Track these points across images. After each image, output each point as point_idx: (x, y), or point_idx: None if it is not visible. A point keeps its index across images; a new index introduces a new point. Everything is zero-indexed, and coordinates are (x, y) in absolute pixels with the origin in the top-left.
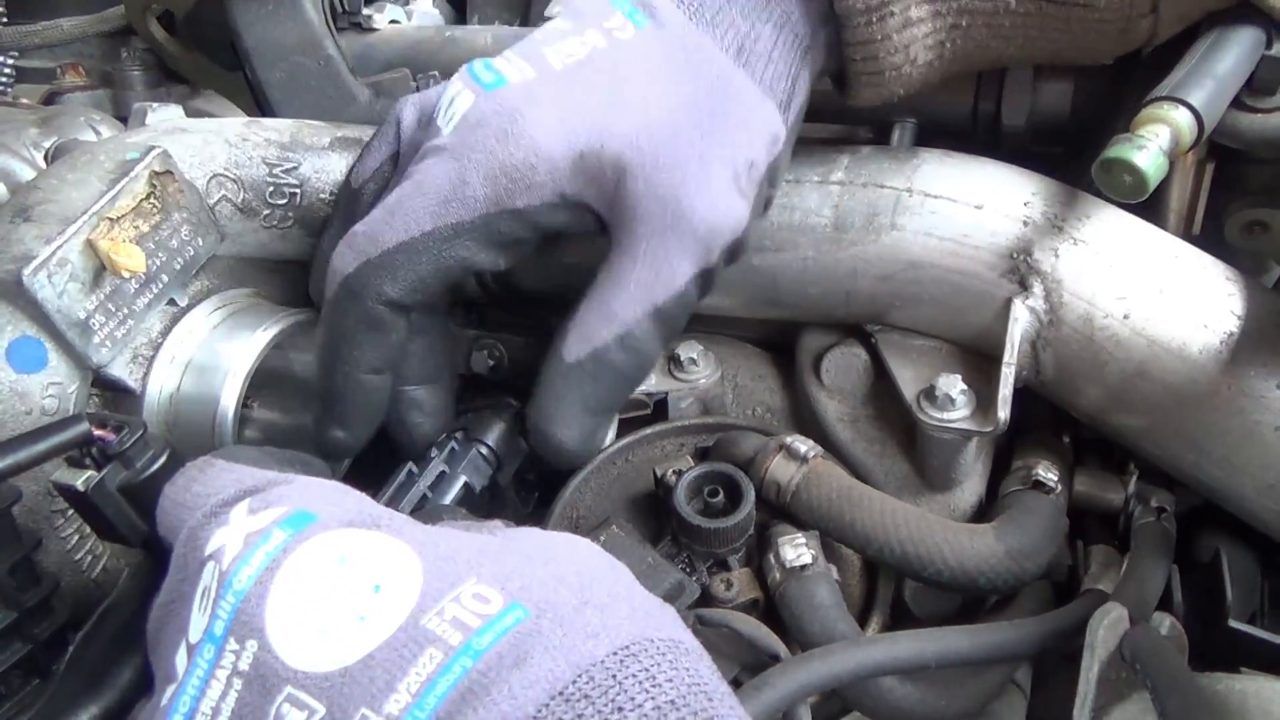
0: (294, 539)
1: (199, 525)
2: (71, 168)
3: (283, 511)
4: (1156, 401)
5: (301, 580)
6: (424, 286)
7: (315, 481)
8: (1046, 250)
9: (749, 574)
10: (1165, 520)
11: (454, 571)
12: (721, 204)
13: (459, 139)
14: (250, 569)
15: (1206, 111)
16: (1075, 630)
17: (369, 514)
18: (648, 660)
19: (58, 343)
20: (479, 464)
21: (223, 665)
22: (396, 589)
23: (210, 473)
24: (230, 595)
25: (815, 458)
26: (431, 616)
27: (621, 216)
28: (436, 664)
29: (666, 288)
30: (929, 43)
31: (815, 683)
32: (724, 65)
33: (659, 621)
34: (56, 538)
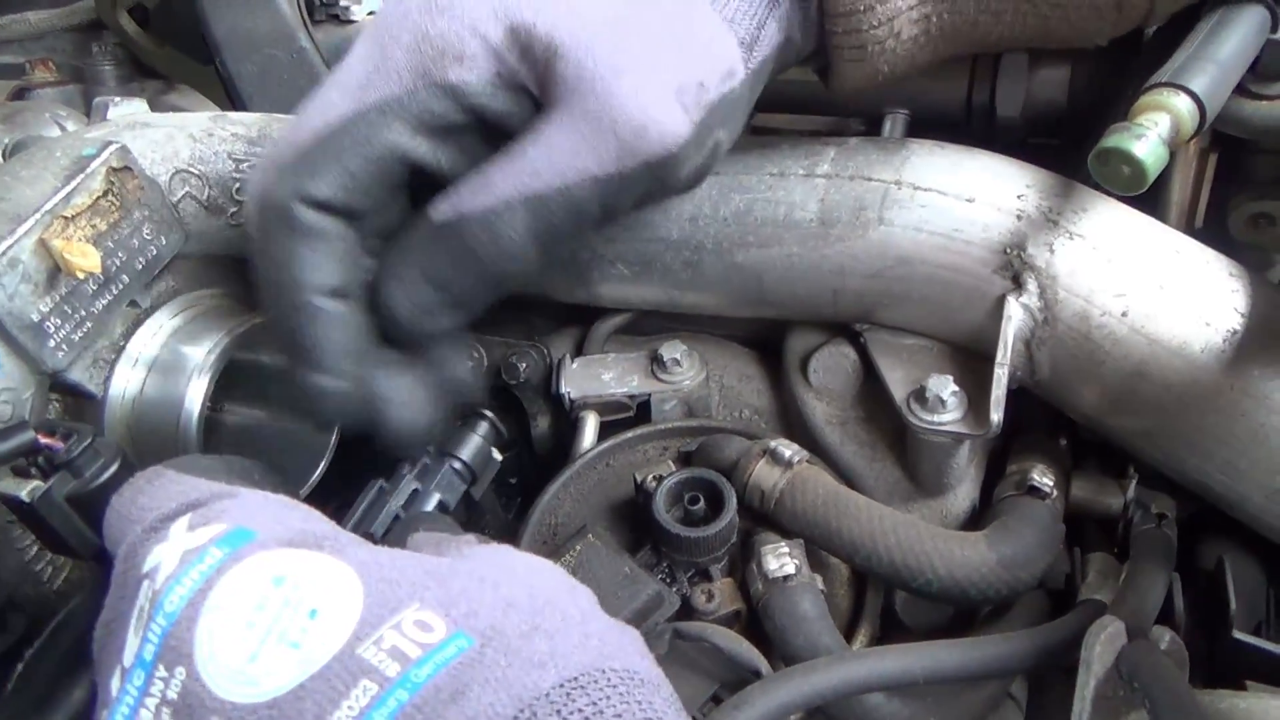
0: (229, 558)
1: (138, 541)
2: (26, 164)
3: (221, 529)
4: (1157, 403)
5: (234, 603)
6: (356, 183)
7: (261, 496)
8: (1041, 245)
9: (731, 584)
10: (1166, 527)
11: (396, 596)
12: (656, 109)
13: (380, 17)
14: (182, 589)
15: (1208, 98)
16: (1071, 643)
17: (313, 532)
18: (596, 693)
19: (10, 346)
20: (452, 480)
21: (151, 693)
22: (334, 614)
23: (158, 483)
24: (161, 618)
25: (800, 463)
26: (369, 645)
27: (548, 99)
28: (371, 697)
29: (553, 176)
30: (914, 16)
31: (797, 700)
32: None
33: (614, 650)
34: (13, 549)
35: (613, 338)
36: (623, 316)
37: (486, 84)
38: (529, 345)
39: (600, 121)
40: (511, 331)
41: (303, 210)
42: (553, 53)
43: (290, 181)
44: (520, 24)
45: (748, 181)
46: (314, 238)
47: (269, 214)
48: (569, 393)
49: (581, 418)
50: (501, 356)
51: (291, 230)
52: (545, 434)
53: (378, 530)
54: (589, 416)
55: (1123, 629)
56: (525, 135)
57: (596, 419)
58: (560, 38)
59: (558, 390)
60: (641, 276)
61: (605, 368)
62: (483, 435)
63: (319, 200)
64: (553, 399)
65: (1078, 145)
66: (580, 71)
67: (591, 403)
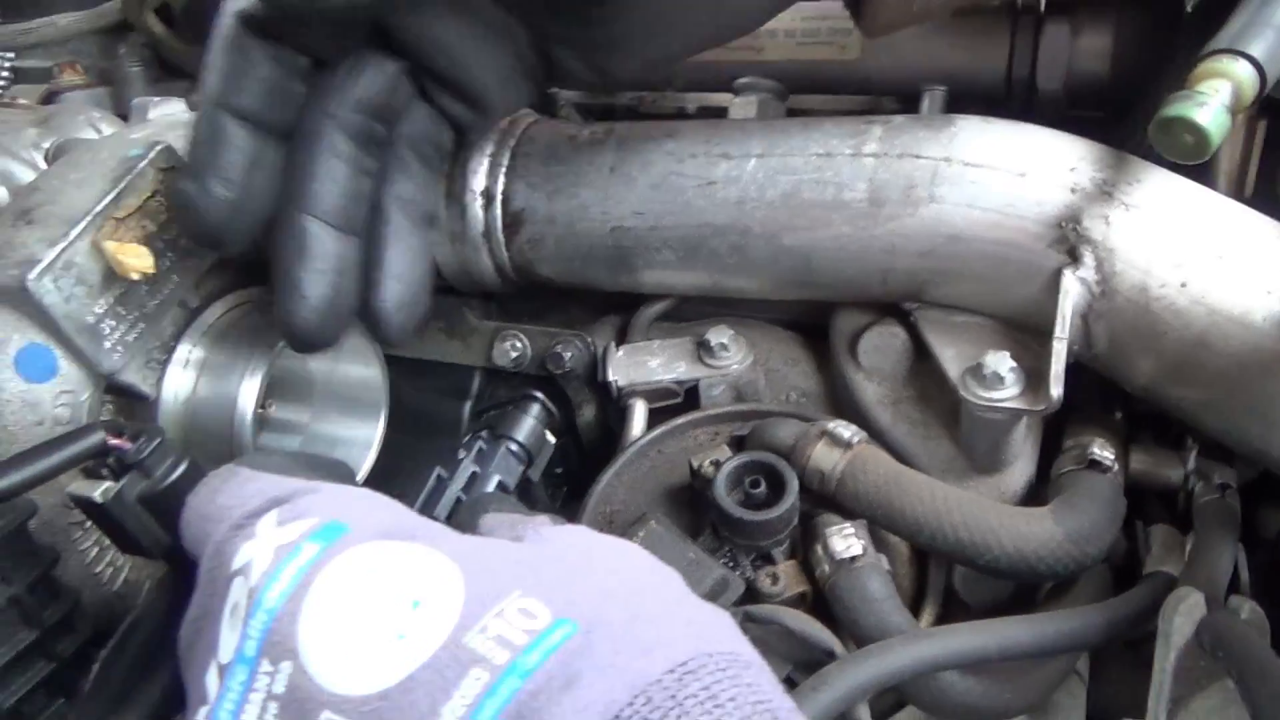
0: (325, 552)
1: (225, 539)
2: (73, 167)
3: (313, 523)
4: (1218, 372)
5: (336, 597)
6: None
7: (345, 489)
8: (1096, 218)
9: (795, 567)
10: (1229, 497)
11: (497, 584)
12: None
13: None
14: (281, 585)
15: (1269, 63)
16: (1144, 616)
17: (404, 523)
18: (708, 677)
19: (67, 349)
20: (509, 462)
21: (256, 688)
22: (437, 604)
23: (234, 482)
24: (261, 614)
25: (859, 443)
26: (475, 634)
27: None
28: (482, 685)
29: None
30: None
31: (875, 680)
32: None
33: (716, 633)
34: (75, 551)
35: (655, 324)
36: (666, 302)
37: None
38: (573, 335)
39: None
40: (551, 322)
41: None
42: None
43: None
44: None
45: (794, 163)
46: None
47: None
48: (616, 380)
49: (630, 405)
50: (545, 347)
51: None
52: (591, 423)
53: (441, 514)
54: (637, 403)
55: (1202, 600)
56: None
57: (645, 406)
58: None
59: (604, 378)
60: (687, 262)
61: (651, 354)
62: (535, 417)
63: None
64: (598, 388)
65: (1122, 117)
66: None
67: (639, 390)
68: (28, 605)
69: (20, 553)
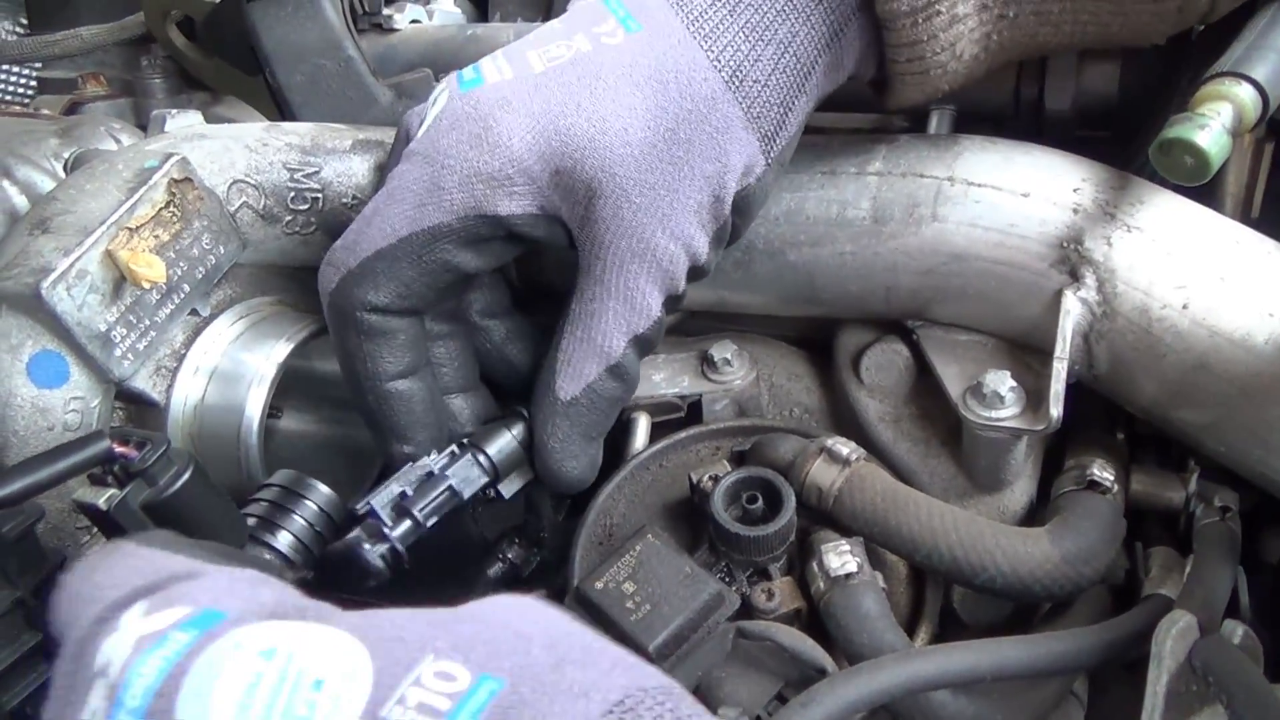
0: (198, 640)
1: (86, 635)
2: (90, 177)
3: (185, 612)
4: (1220, 395)
5: (219, 685)
6: (411, 291)
7: (227, 573)
8: (1098, 239)
9: (791, 583)
10: (1230, 520)
11: (405, 652)
12: (682, 235)
13: (430, 141)
14: (145, 679)
15: (1271, 87)
16: (1138, 638)
17: (292, 605)
18: (648, 714)
19: (79, 356)
20: (470, 473)
21: None
22: (343, 680)
23: (115, 558)
24: (124, 715)
25: (858, 460)
26: (392, 706)
27: (590, 238)
28: None
29: (643, 317)
30: (975, 37)
31: (866, 698)
32: (715, 87)
33: (642, 670)
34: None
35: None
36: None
37: (529, 216)
38: None
39: (648, 259)
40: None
41: (365, 315)
42: (592, 194)
43: (353, 288)
44: (563, 168)
45: (799, 180)
46: (379, 336)
47: (336, 316)
48: None
49: (633, 419)
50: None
51: (359, 330)
52: None
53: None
54: (640, 417)
55: (1195, 623)
56: (595, 288)
57: (648, 420)
58: (601, 181)
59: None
60: None
61: (655, 369)
62: (514, 434)
63: (379, 306)
64: None
65: (1129, 138)
66: (619, 215)
67: (643, 404)
68: (33, 608)
69: (27, 556)
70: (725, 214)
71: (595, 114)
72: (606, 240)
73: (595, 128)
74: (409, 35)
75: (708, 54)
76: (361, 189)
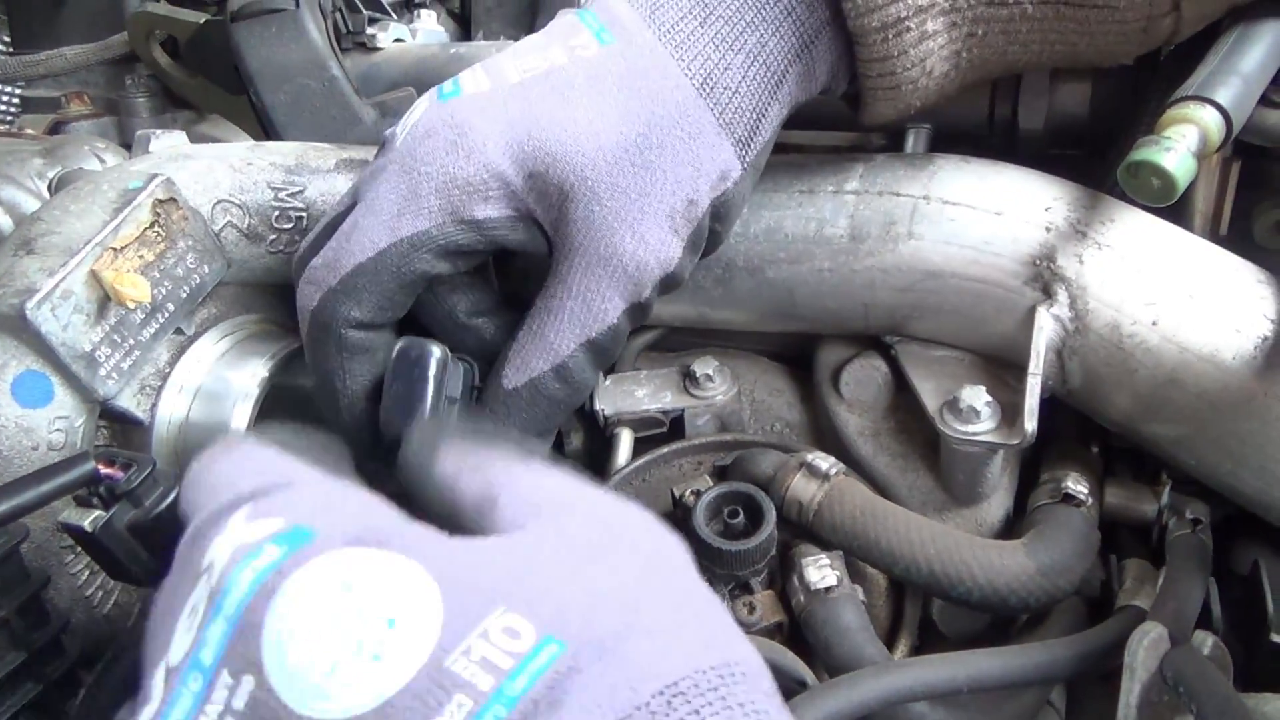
0: (289, 559)
1: (200, 528)
2: (74, 198)
3: (278, 525)
4: (1189, 410)
5: (304, 610)
6: (392, 303)
7: (322, 486)
8: (1070, 256)
9: (772, 597)
10: (1201, 532)
11: (478, 600)
12: (651, 241)
13: (406, 150)
14: (239, 590)
15: (1235, 110)
16: (1112, 649)
17: (376, 528)
18: (698, 699)
19: (63, 376)
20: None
21: (213, 700)
22: (414, 623)
23: (236, 454)
24: (220, 620)
25: (837, 475)
26: (457, 656)
27: (562, 241)
28: (466, 713)
29: (598, 321)
30: (945, 54)
31: (845, 710)
32: (686, 93)
33: (710, 638)
34: (66, 574)
35: (643, 354)
36: (653, 333)
37: (506, 220)
38: None
39: (611, 264)
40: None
41: (346, 332)
42: (566, 198)
43: (336, 305)
44: (537, 172)
45: (777, 199)
46: (359, 352)
47: (318, 332)
48: (603, 409)
49: (616, 434)
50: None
51: (339, 346)
52: (579, 451)
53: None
54: (623, 433)
55: (1165, 634)
56: (560, 289)
57: (631, 435)
58: (573, 185)
59: (591, 407)
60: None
61: (638, 384)
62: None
63: (362, 322)
64: (585, 416)
65: (1100, 156)
66: (590, 217)
67: (625, 419)
68: (16, 627)
69: (11, 576)
70: (700, 219)
71: (568, 119)
72: (576, 242)
73: (567, 132)
74: (393, 54)
75: (678, 62)
76: None
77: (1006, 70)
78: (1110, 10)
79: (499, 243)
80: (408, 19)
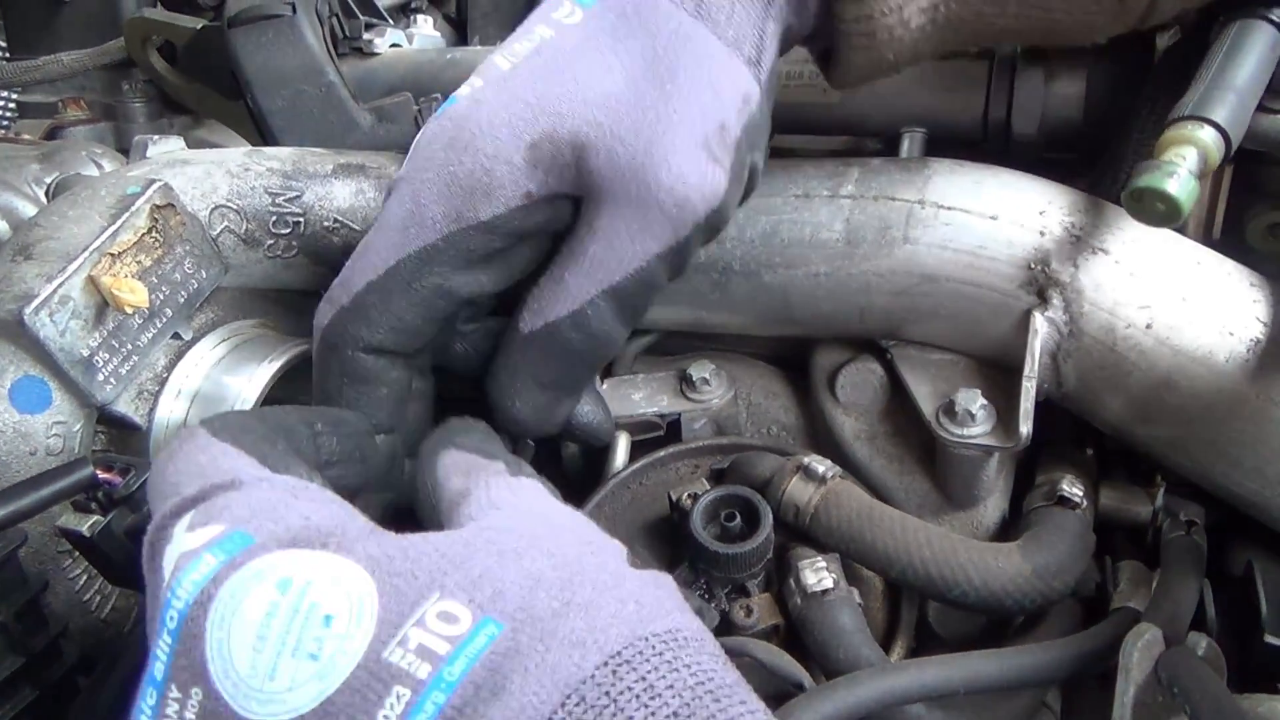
0: (224, 566)
1: (154, 538)
2: (72, 204)
3: (218, 531)
4: (1183, 412)
5: (241, 615)
6: (405, 326)
7: (264, 487)
8: (1065, 260)
9: (769, 599)
10: (1195, 534)
11: (414, 589)
12: (691, 173)
13: (410, 165)
14: (180, 601)
15: (1232, 127)
16: (1108, 651)
17: (316, 528)
18: (644, 666)
19: (61, 381)
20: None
21: (166, 714)
22: (350, 618)
23: (186, 450)
24: (165, 635)
25: (834, 478)
26: (394, 648)
27: (589, 193)
28: (405, 704)
29: (623, 266)
30: (923, 4)
31: (841, 712)
32: (681, 20)
33: (651, 610)
34: (64, 579)
35: (639, 358)
36: (649, 337)
37: (519, 209)
38: None
39: (647, 204)
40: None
41: (355, 354)
42: (581, 150)
43: (346, 324)
44: (543, 136)
45: (773, 203)
46: (364, 381)
47: (326, 352)
48: None
49: (613, 437)
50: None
51: (344, 371)
52: (575, 454)
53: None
54: (620, 436)
55: (1160, 636)
56: (584, 232)
57: (628, 439)
58: (585, 134)
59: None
60: (670, 297)
61: (635, 388)
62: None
63: (372, 345)
64: None
65: (1094, 160)
66: (613, 161)
67: (622, 422)
68: (14, 633)
69: (8, 581)
70: (738, 145)
71: (565, 79)
72: (603, 188)
73: (566, 88)
74: (389, 59)
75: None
76: (343, 213)
77: (983, 34)
78: None
79: (516, 234)
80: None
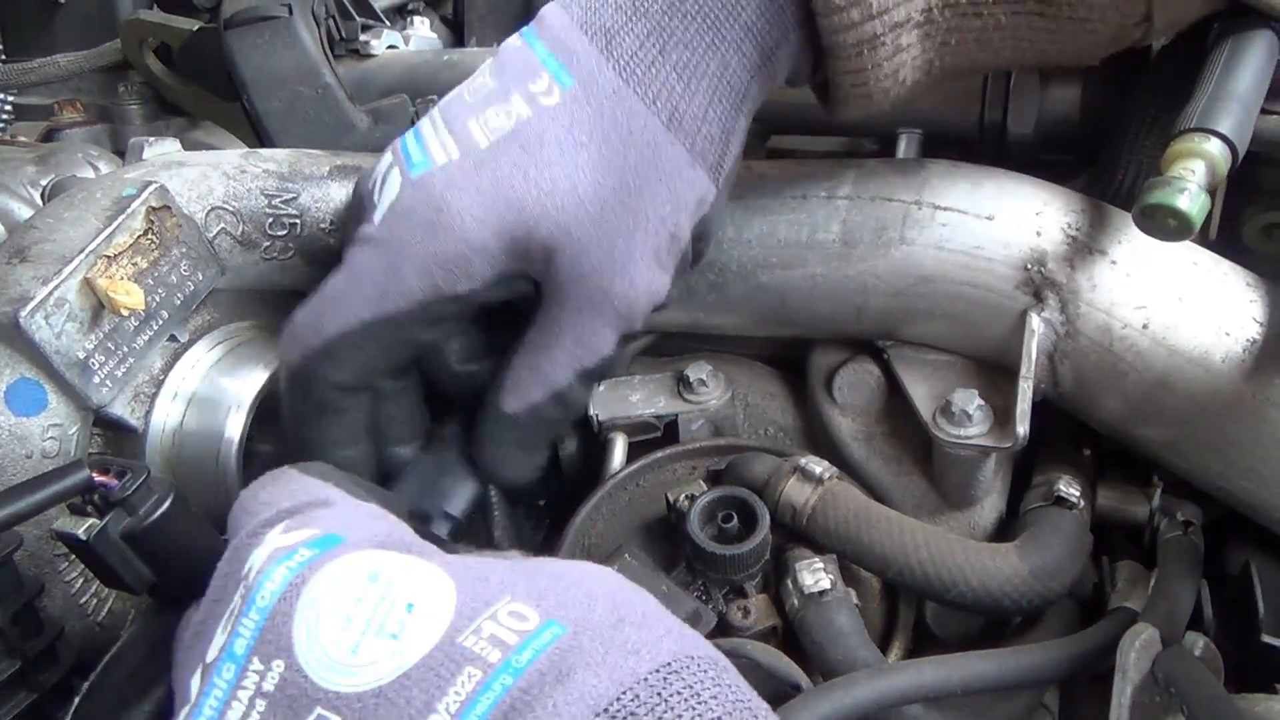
0: (319, 557)
1: (241, 544)
2: (68, 206)
3: (312, 533)
4: (1179, 412)
5: (330, 597)
6: (373, 368)
7: (354, 506)
8: (1061, 261)
9: (766, 601)
10: (1192, 534)
11: (488, 590)
12: (640, 282)
13: (387, 229)
14: (273, 584)
15: (1238, 137)
16: (1105, 651)
17: (400, 539)
18: (690, 677)
19: (57, 384)
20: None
21: (244, 685)
22: (430, 607)
23: (279, 482)
24: (254, 613)
25: (831, 479)
26: (468, 635)
27: (551, 287)
28: (476, 682)
29: (593, 354)
30: (918, 63)
31: (839, 713)
32: (655, 133)
33: (695, 640)
34: (60, 582)
35: (637, 359)
36: (647, 338)
37: (490, 287)
38: None
39: (603, 306)
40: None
41: (325, 393)
42: (551, 253)
43: (316, 366)
44: (519, 236)
45: (770, 204)
46: (335, 412)
47: (296, 388)
48: (597, 415)
49: (610, 439)
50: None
51: (315, 405)
52: (573, 455)
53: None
54: (618, 438)
55: (1157, 636)
56: (551, 325)
57: (625, 440)
58: (556, 240)
59: (586, 412)
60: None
61: (632, 389)
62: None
63: (340, 385)
64: (580, 421)
65: (1091, 160)
66: (578, 267)
67: (620, 424)
68: (10, 636)
69: (4, 584)
70: (683, 248)
71: (543, 179)
72: (566, 290)
73: (544, 192)
74: (386, 61)
75: (643, 100)
76: (339, 214)
77: (977, 73)
78: (1082, 22)
79: (485, 304)
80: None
